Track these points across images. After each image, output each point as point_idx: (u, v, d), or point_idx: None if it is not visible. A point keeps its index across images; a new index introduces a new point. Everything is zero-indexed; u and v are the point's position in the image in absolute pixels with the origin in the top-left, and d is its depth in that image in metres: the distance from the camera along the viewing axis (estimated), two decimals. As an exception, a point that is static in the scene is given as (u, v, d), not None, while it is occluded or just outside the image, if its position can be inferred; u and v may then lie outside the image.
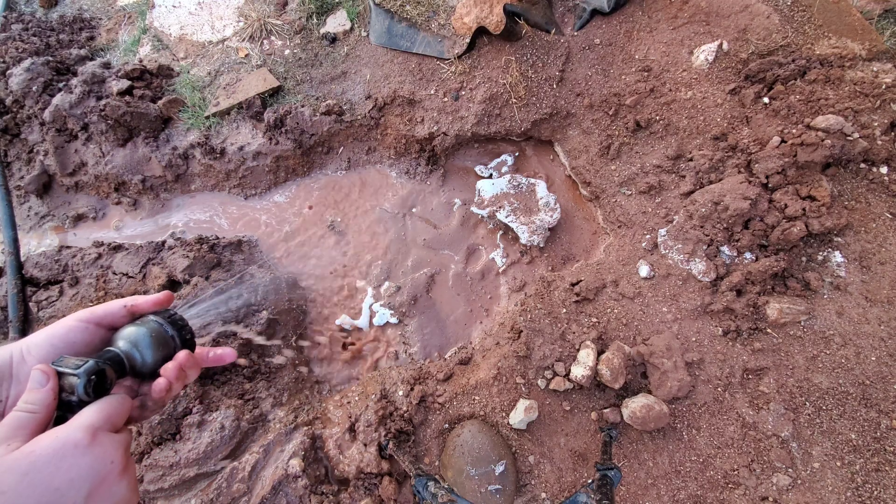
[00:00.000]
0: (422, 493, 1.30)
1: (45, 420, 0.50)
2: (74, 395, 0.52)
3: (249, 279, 1.91)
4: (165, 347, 0.62)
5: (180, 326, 0.65)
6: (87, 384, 0.52)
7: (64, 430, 0.48)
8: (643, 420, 1.58)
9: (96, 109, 2.20)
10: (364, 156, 2.34)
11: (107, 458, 0.49)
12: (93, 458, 0.48)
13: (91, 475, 0.47)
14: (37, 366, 0.52)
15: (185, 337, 0.65)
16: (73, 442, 0.47)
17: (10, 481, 0.44)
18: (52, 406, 0.51)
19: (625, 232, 2.02)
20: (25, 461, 0.45)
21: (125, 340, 0.60)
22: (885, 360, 1.63)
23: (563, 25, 2.18)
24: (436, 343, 2.05)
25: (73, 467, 0.46)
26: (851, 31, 1.91)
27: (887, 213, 1.77)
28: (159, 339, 0.61)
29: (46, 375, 0.51)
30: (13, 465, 0.44)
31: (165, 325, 0.63)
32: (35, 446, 0.46)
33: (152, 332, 0.61)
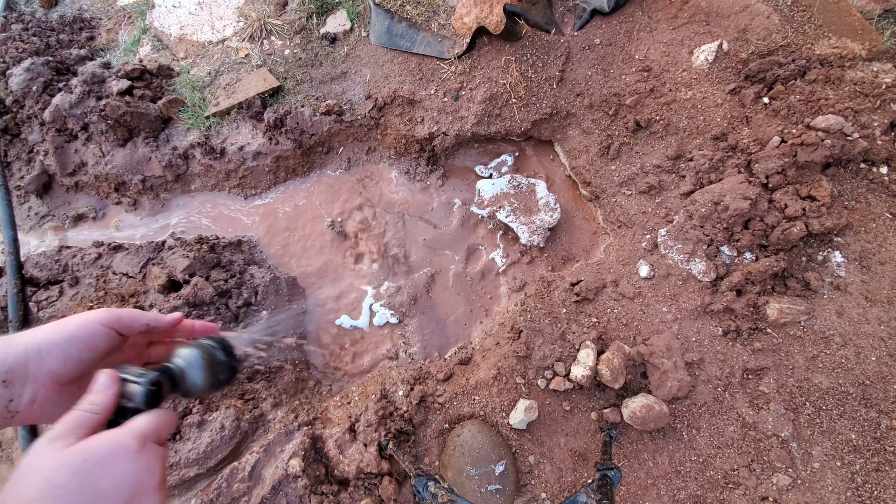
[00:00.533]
0: (422, 493, 1.30)
1: (102, 421, 0.52)
2: (132, 403, 0.55)
3: (290, 310, 1.98)
4: (215, 372, 0.65)
5: (230, 354, 0.68)
6: (146, 394, 0.55)
7: (118, 434, 0.50)
8: (643, 420, 1.58)
9: (96, 109, 2.19)
10: (364, 156, 2.34)
11: (150, 468, 0.50)
12: (138, 465, 0.49)
13: (134, 482, 0.49)
14: (104, 370, 0.54)
15: (232, 365, 0.68)
16: (125, 447, 0.49)
17: (62, 477, 0.45)
18: (111, 410, 0.53)
19: (625, 232, 2.02)
20: (79, 458, 0.47)
21: (182, 359, 0.62)
22: (885, 360, 1.63)
23: (563, 25, 2.18)
24: (436, 343, 2.05)
25: (120, 472, 0.48)
26: (851, 31, 1.91)
27: (887, 213, 1.77)
28: (212, 364, 0.64)
29: (111, 380, 0.54)
30: (68, 461, 0.46)
31: (218, 351, 0.66)
32: (89, 445, 0.48)
33: (206, 356, 0.64)
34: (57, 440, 0.48)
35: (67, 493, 0.45)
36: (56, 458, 0.46)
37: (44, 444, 0.48)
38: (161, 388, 0.57)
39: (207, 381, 0.63)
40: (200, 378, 0.63)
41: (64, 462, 0.46)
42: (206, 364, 0.63)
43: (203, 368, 0.63)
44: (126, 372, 0.56)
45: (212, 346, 0.65)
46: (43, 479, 0.45)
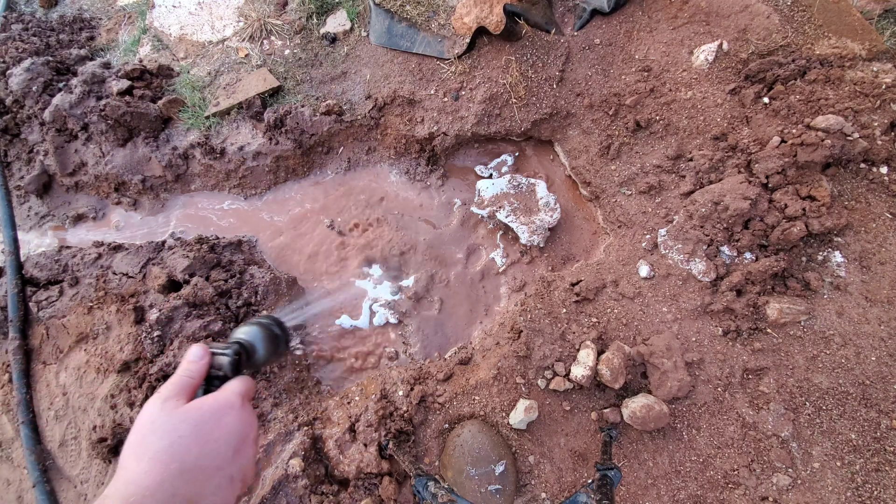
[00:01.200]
0: (422, 493, 1.30)
1: (197, 386, 0.61)
2: (221, 371, 0.64)
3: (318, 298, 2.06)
4: (276, 344, 0.73)
5: (284, 329, 0.76)
6: (232, 363, 0.64)
7: (223, 394, 0.59)
8: (643, 420, 1.58)
9: (96, 109, 2.19)
10: (364, 156, 2.34)
11: (250, 421, 0.60)
12: (241, 419, 0.58)
13: (239, 432, 0.58)
14: (196, 344, 0.64)
15: (287, 338, 0.76)
16: (230, 403, 0.58)
17: (186, 429, 0.54)
18: (204, 376, 0.62)
19: (625, 232, 2.02)
20: (197, 413, 0.56)
21: (246, 335, 0.70)
22: (885, 360, 1.63)
23: (563, 25, 2.18)
24: (436, 343, 2.05)
25: (230, 423, 0.57)
26: (851, 31, 1.91)
27: (887, 213, 1.77)
28: (271, 337, 0.72)
29: (204, 351, 0.63)
30: (187, 416, 0.55)
31: (274, 327, 0.74)
32: (203, 403, 0.57)
33: (266, 331, 0.72)
34: (169, 400, 0.56)
35: (191, 440, 0.53)
36: (177, 415, 0.55)
37: (157, 403, 0.56)
38: (241, 357, 0.66)
39: (271, 352, 0.71)
40: (265, 349, 0.70)
41: (185, 417, 0.55)
42: (268, 337, 0.71)
43: (266, 341, 0.71)
44: (212, 346, 0.65)
45: (269, 323, 0.74)
46: (169, 431, 0.53)
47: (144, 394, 1.71)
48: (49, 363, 1.99)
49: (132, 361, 1.80)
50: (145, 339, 1.76)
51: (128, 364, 1.80)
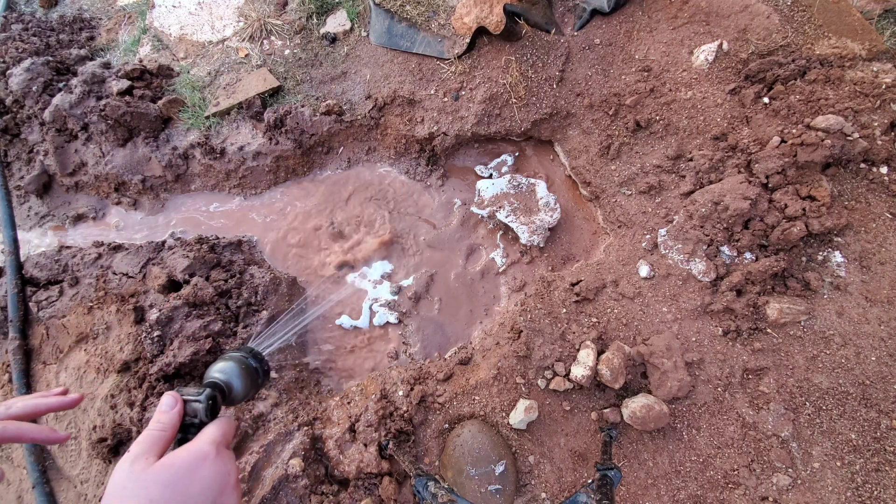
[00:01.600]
0: (422, 493, 1.30)
1: (171, 438, 0.59)
2: (196, 418, 0.61)
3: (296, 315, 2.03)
4: (253, 379, 0.71)
5: (260, 360, 0.74)
6: (207, 408, 0.62)
7: (195, 445, 0.57)
8: (643, 420, 1.58)
9: (96, 109, 2.20)
10: (364, 156, 2.34)
11: (228, 469, 0.57)
12: (217, 469, 0.56)
13: (217, 483, 0.55)
14: (168, 392, 0.61)
15: (265, 368, 0.74)
16: (204, 455, 0.56)
17: (157, 491, 0.51)
18: (177, 426, 0.59)
19: (625, 232, 2.02)
20: (167, 473, 0.53)
21: (220, 373, 0.68)
22: (885, 360, 1.63)
23: (563, 25, 2.18)
24: (436, 343, 2.05)
25: (205, 478, 0.54)
26: (851, 31, 1.91)
27: (887, 213, 1.77)
28: (248, 371, 0.70)
29: (175, 400, 0.60)
30: (157, 476, 0.52)
31: (250, 359, 0.72)
32: (174, 459, 0.54)
33: (242, 366, 0.70)
34: (138, 460, 0.54)
35: (164, 502, 0.51)
36: (147, 476, 0.52)
37: (126, 465, 0.53)
38: (216, 400, 0.64)
39: (249, 388, 0.69)
40: (242, 386, 0.68)
41: (155, 479, 0.52)
42: (244, 373, 0.69)
43: (242, 377, 0.69)
44: (184, 392, 0.62)
45: (244, 357, 0.71)
46: (140, 496, 0.50)
47: (144, 394, 1.71)
48: (49, 363, 1.99)
49: (132, 361, 1.80)
50: (145, 339, 1.76)
51: (128, 364, 1.80)
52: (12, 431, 0.70)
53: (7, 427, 0.70)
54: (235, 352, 0.73)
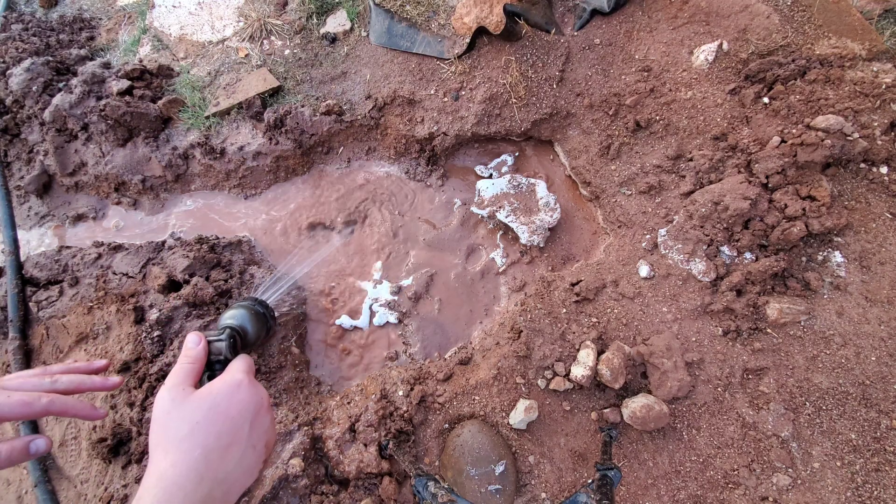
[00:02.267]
0: (422, 493, 1.30)
1: (200, 370, 0.64)
2: (221, 356, 0.67)
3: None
4: (263, 322, 0.76)
5: (266, 307, 0.79)
6: (230, 345, 0.68)
7: (228, 375, 0.63)
8: (643, 420, 1.58)
9: (96, 109, 2.19)
10: (364, 156, 2.34)
11: (261, 393, 0.64)
12: (251, 392, 0.62)
13: (253, 405, 0.61)
14: (192, 332, 0.67)
15: (271, 314, 0.80)
16: (238, 382, 0.62)
17: (201, 414, 0.57)
18: (204, 360, 0.65)
19: (625, 232, 2.02)
20: (207, 399, 0.59)
21: (233, 319, 0.74)
22: (885, 360, 1.63)
23: (563, 25, 2.18)
24: (436, 343, 2.05)
25: (242, 400, 0.60)
26: (851, 31, 1.91)
27: (887, 213, 1.77)
28: (257, 316, 0.76)
29: (199, 338, 0.67)
30: (200, 403, 0.58)
31: (257, 306, 0.77)
32: (211, 388, 0.60)
33: (250, 311, 0.75)
34: (176, 388, 0.60)
35: (207, 424, 0.57)
36: (190, 403, 0.58)
37: (166, 393, 0.59)
38: (237, 339, 0.70)
39: (260, 331, 0.75)
40: (254, 329, 0.74)
41: (198, 405, 0.58)
42: (255, 317, 0.75)
43: (253, 321, 0.74)
44: (207, 335, 0.68)
45: (251, 304, 0.76)
46: (186, 419, 0.56)
47: (144, 394, 1.71)
48: (49, 363, 1.99)
49: (132, 361, 1.80)
50: (145, 339, 1.76)
51: (128, 364, 1.80)
52: (59, 406, 0.72)
53: (55, 401, 0.72)
54: (243, 301, 0.77)
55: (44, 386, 0.73)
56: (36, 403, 0.69)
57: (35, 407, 0.69)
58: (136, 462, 1.65)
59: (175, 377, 0.61)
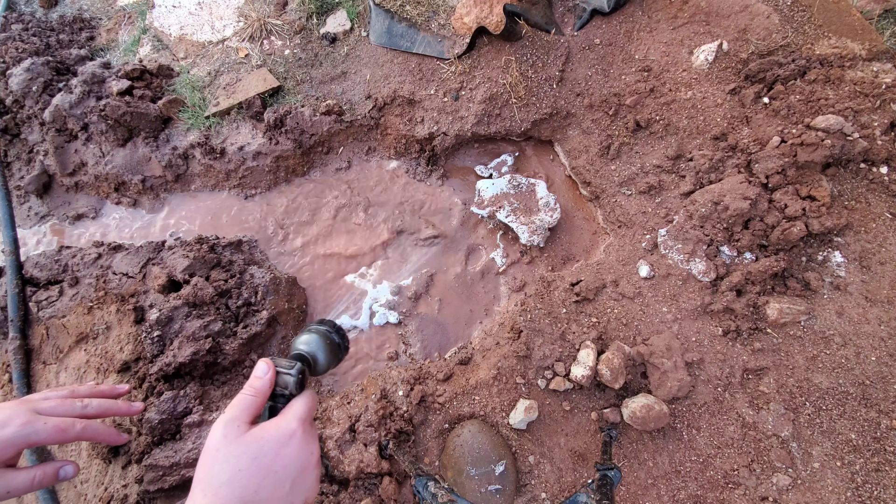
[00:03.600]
0: (422, 493, 1.30)
1: (262, 404, 0.62)
2: (287, 390, 0.64)
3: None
4: (335, 353, 0.73)
5: (343, 336, 0.76)
6: (297, 381, 0.64)
7: (283, 421, 0.60)
8: (643, 420, 1.58)
9: (96, 109, 2.20)
10: (364, 156, 2.34)
11: (310, 449, 0.60)
12: (300, 448, 0.59)
13: (299, 463, 0.58)
14: (263, 360, 0.64)
15: (346, 345, 0.76)
16: (291, 432, 0.59)
17: (246, 461, 0.55)
18: (268, 394, 0.62)
19: (625, 232, 2.02)
20: (255, 445, 0.56)
21: (306, 345, 0.71)
22: (885, 360, 1.63)
23: (563, 25, 2.18)
24: (436, 343, 2.05)
25: (288, 455, 0.58)
26: (851, 31, 1.91)
27: (887, 213, 1.77)
28: (332, 346, 0.73)
29: (268, 367, 0.63)
30: (247, 448, 0.56)
31: (334, 334, 0.74)
32: (264, 433, 0.58)
33: (326, 340, 0.72)
34: (231, 423, 0.58)
35: (249, 474, 0.55)
36: (238, 445, 0.56)
37: (221, 427, 0.58)
38: (305, 374, 0.67)
39: (331, 361, 0.72)
40: (325, 360, 0.71)
41: (245, 449, 0.56)
42: (329, 346, 0.72)
43: (326, 350, 0.71)
44: (277, 363, 0.65)
45: (328, 331, 0.74)
46: (231, 463, 0.55)
47: (144, 394, 1.71)
48: (49, 363, 1.99)
49: (132, 361, 1.80)
50: (145, 339, 1.76)
51: (128, 364, 1.80)
52: (90, 432, 0.74)
53: (87, 427, 0.74)
54: (320, 325, 0.75)
55: (75, 410, 0.76)
56: (71, 430, 0.72)
57: (70, 433, 0.72)
58: (136, 462, 1.65)
59: (234, 409, 0.60)
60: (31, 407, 0.72)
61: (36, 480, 0.71)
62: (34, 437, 0.69)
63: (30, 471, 0.71)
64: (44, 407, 0.73)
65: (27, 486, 0.70)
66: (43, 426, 0.70)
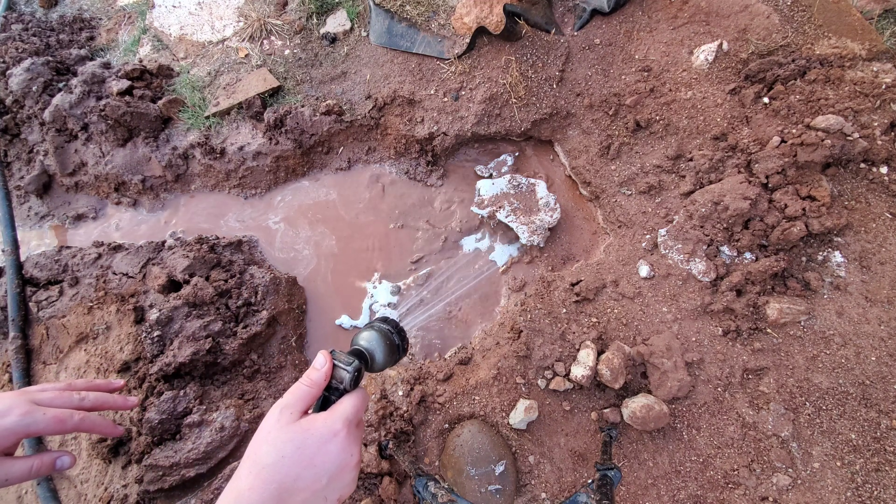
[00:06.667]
0: (422, 493, 1.30)
1: (317, 395, 0.64)
2: (342, 384, 0.65)
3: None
4: (393, 352, 0.74)
5: (403, 337, 0.77)
6: (352, 378, 0.65)
7: (331, 418, 0.62)
8: (643, 420, 1.58)
9: (96, 109, 2.19)
10: (364, 156, 2.34)
11: (351, 451, 0.62)
12: (342, 448, 0.61)
13: (338, 462, 0.61)
14: (322, 351, 0.66)
15: (405, 346, 0.77)
16: (335, 431, 0.61)
17: (290, 450, 0.58)
18: (323, 386, 0.65)
19: (625, 232, 2.02)
20: (301, 436, 0.59)
21: (367, 342, 0.72)
22: (885, 360, 1.63)
23: (563, 25, 2.18)
24: (436, 343, 2.05)
25: (330, 452, 0.60)
26: (851, 31, 1.91)
27: (887, 213, 1.77)
28: (391, 345, 0.73)
29: (326, 360, 0.66)
30: (294, 437, 0.59)
31: (395, 335, 0.75)
32: (310, 426, 0.61)
33: (386, 340, 0.73)
34: (285, 410, 0.61)
35: (291, 463, 0.58)
36: (287, 432, 0.59)
37: (276, 411, 0.61)
38: (361, 372, 0.67)
39: (388, 361, 0.72)
40: (383, 359, 0.72)
41: (292, 437, 0.59)
42: (388, 346, 0.72)
43: (385, 349, 0.72)
44: (336, 357, 0.66)
45: (389, 331, 0.74)
46: (277, 448, 0.58)
47: (144, 394, 1.71)
48: (49, 363, 1.99)
49: (132, 361, 1.80)
50: (145, 339, 1.76)
51: (128, 364, 1.80)
52: (88, 424, 0.76)
53: (84, 419, 0.76)
54: (383, 323, 0.75)
55: (73, 402, 0.77)
56: (69, 421, 0.74)
57: (68, 424, 0.73)
58: (136, 462, 1.65)
59: (290, 396, 0.63)
60: (29, 398, 0.74)
61: (34, 469, 0.72)
62: (33, 427, 0.70)
63: (28, 460, 0.73)
64: (42, 398, 0.75)
65: (25, 474, 0.71)
66: (42, 416, 0.71)
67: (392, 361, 0.73)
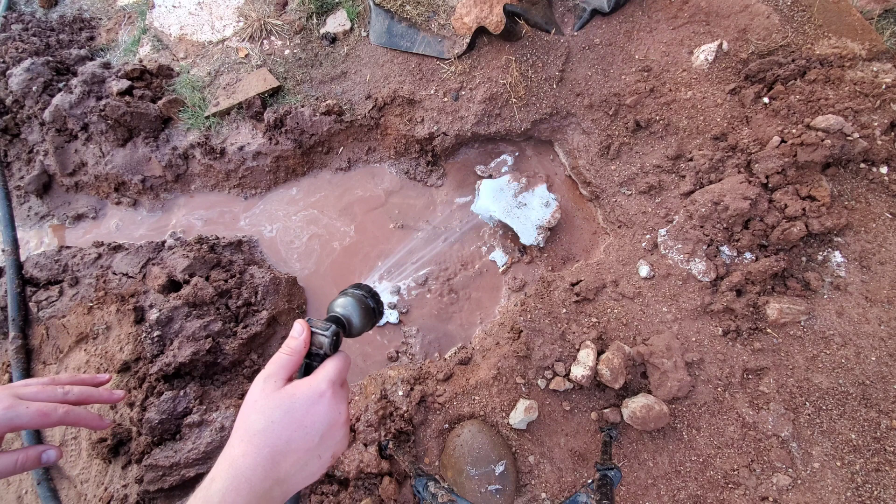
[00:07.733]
0: (422, 493, 1.30)
1: (298, 362, 0.65)
2: (322, 350, 0.67)
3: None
4: (370, 316, 0.75)
5: (378, 300, 0.78)
6: (331, 342, 0.67)
7: (315, 381, 0.63)
8: (643, 420, 1.58)
9: (96, 109, 2.20)
10: (364, 156, 2.34)
11: (339, 409, 0.64)
12: (330, 408, 0.63)
13: (328, 420, 0.62)
14: (298, 321, 0.68)
15: (380, 309, 0.78)
16: (320, 393, 0.62)
17: (279, 414, 0.60)
18: (304, 353, 0.66)
19: (625, 232, 2.02)
20: (289, 401, 0.61)
21: (342, 308, 0.73)
22: (885, 360, 1.63)
23: (563, 25, 2.18)
24: (436, 343, 2.05)
25: (318, 413, 0.62)
26: (851, 31, 1.91)
27: (887, 213, 1.77)
28: (366, 309, 0.74)
29: (303, 328, 0.67)
30: (281, 402, 0.60)
31: (369, 298, 0.76)
32: (296, 390, 0.62)
33: (362, 304, 0.74)
34: (269, 379, 0.62)
35: (281, 426, 0.59)
36: (273, 399, 0.61)
37: (261, 381, 0.62)
38: (339, 336, 0.69)
39: (365, 324, 0.74)
40: (360, 322, 0.73)
41: (279, 403, 0.60)
42: (363, 310, 0.74)
43: (361, 313, 0.73)
44: (313, 324, 0.68)
45: (363, 295, 0.75)
46: (264, 416, 0.59)
47: (144, 394, 1.71)
48: (49, 363, 1.99)
49: (132, 361, 1.80)
50: (145, 339, 1.76)
51: (128, 364, 1.80)
52: (72, 417, 0.76)
53: (69, 412, 0.76)
54: (356, 289, 0.76)
55: (56, 396, 0.77)
56: (53, 414, 0.74)
57: (52, 417, 0.73)
58: (136, 462, 1.65)
59: (272, 366, 0.64)
60: (12, 392, 0.74)
61: (19, 463, 0.73)
62: (17, 421, 0.71)
63: (14, 453, 0.73)
64: (25, 392, 0.75)
65: (11, 467, 0.72)
66: (25, 410, 0.71)
67: (369, 325, 0.75)
